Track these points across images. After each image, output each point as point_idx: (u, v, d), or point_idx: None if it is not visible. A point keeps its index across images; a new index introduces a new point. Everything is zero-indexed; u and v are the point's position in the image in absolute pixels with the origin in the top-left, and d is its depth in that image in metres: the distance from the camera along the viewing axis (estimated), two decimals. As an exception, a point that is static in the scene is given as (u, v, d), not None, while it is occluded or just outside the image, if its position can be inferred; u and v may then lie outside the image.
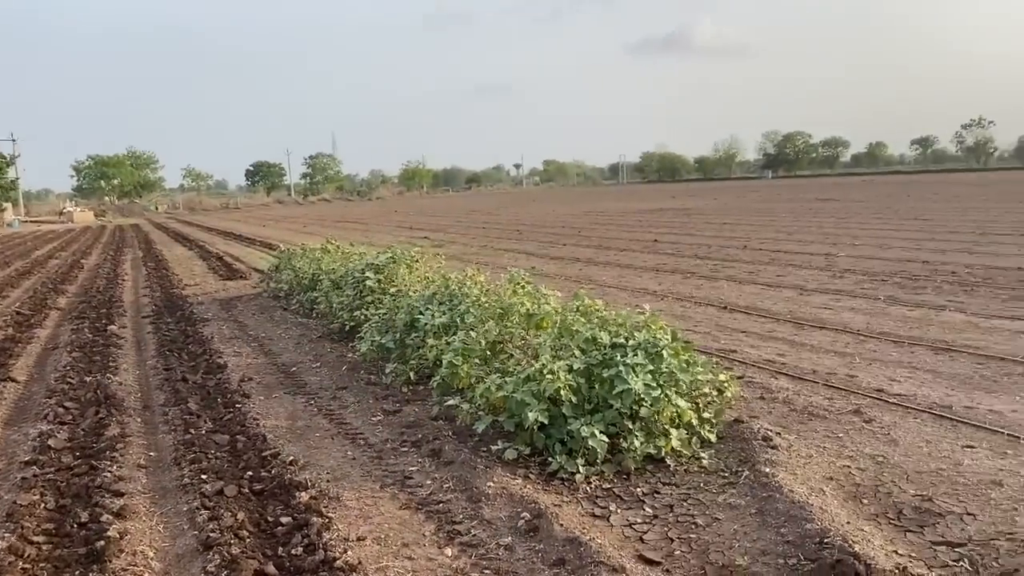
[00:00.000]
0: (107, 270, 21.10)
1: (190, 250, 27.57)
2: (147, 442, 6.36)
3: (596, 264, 17.83)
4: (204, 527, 4.55)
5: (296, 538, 4.37)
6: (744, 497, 4.85)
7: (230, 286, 16.38)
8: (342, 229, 36.60)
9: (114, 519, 4.66)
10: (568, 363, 5.65)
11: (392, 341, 7.98)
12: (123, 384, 8.14)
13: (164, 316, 12.62)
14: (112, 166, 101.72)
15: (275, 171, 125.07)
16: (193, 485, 5.26)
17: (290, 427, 6.57)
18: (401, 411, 6.83)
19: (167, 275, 18.92)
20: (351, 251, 13.25)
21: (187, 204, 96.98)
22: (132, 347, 10.33)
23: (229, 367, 8.70)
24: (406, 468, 5.53)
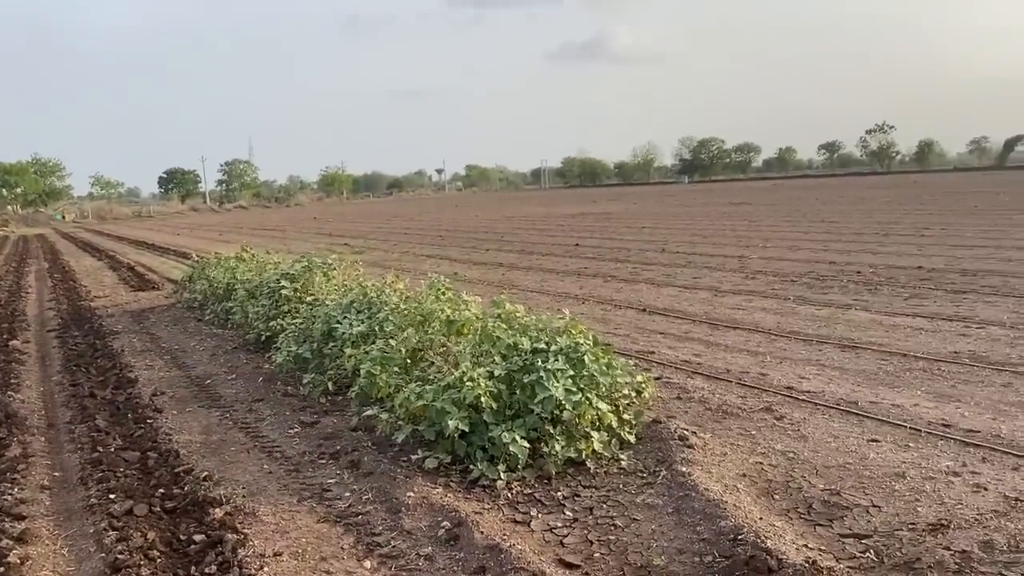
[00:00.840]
0: (9, 282, 20.16)
1: (99, 260, 26.57)
2: (52, 462, 6.10)
3: (519, 269, 17.92)
4: (112, 549, 4.38)
5: (210, 556, 4.25)
6: (662, 497, 4.93)
7: (142, 297, 15.86)
8: (260, 237, 35.86)
9: (14, 544, 4.46)
10: (489, 370, 5.66)
11: (309, 351, 7.86)
12: (26, 401, 7.79)
13: (71, 329, 12.13)
14: (15, 174, 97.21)
15: (190, 178, 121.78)
16: (101, 505, 5.06)
17: (204, 442, 6.39)
18: (319, 422, 6.72)
19: (74, 287, 18.19)
20: (267, 259, 12.99)
21: (96, 213, 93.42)
22: (36, 363, 9.89)
23: (140, 381, 8.42)
24: (324, 480, 5.44)
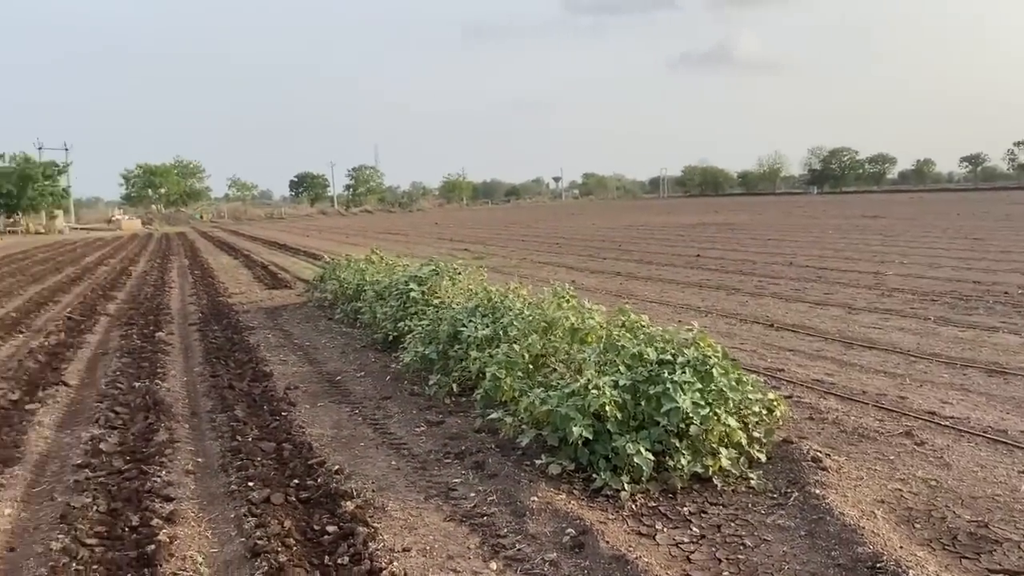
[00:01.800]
0: (154, 277, 21.52)
1: (235, 259, 28.00)
2: (195, 448, 6.45)
3: (637, 279, 17.75)
4: (251, 534, 4.60)
5: (342, 547, 4.40)
6: (794, 519, 4.76)
7: (275, 295, 16.60)
8: (384, 240, 36.91)
9: (164, 524, 4.73)
10: (613, 379, 5.62)
11: (435, 352, 8.01)
12: (171, 390, 8.27)
13: (211, 324, 12.82)
14: (159, 175, 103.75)
15: (319, 182, 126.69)
16: (240, 492, 5.31)
17: (335, 436, 6.62)
18: (444, 422, 6.85)
19: (213, 283, 19.23)
20: (395, 262, 13.36)
21: (232, 214, 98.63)
22: (180, 354, 10.50)
23: (275, 375, 8.80)
24: (450, 480, 5.53)
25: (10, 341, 11.89)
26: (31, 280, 21.82)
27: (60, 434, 6.96)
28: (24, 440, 6.62)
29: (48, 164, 71.94)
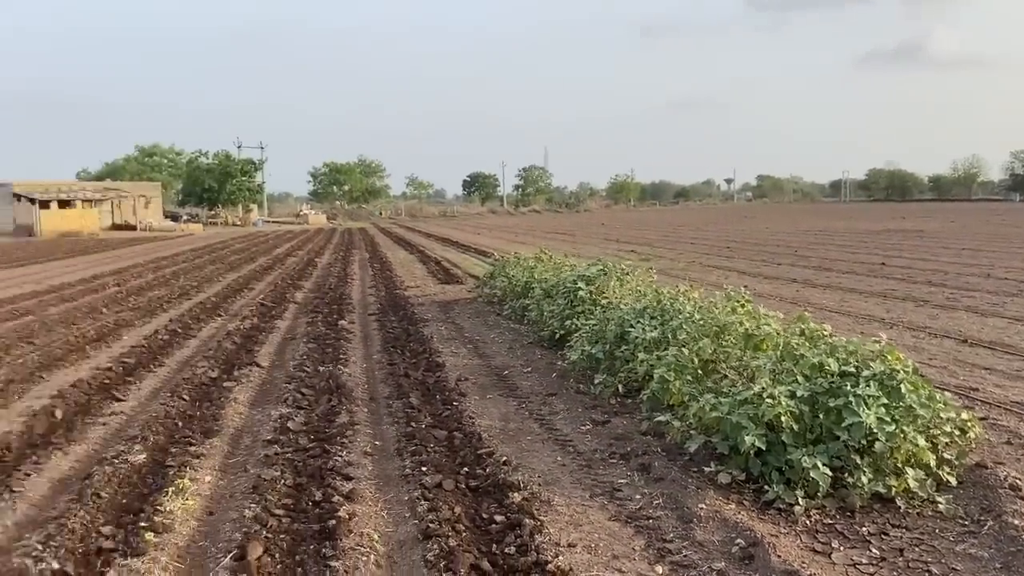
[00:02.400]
0: (338, 269, 22.80)
1: (411, 254, 29.18)
2: (373, 431, 6.80)
3: (814, 286, 16.95)
4: (424, 517, 4.79)
5: (509, 537, 4.49)
6: (987, 549, 4.40)
7: (447, 289, 17.16)
8: (551, 240, 37.28)
9: (344, 501, 5.02)
10: (790, 388, 5.41)
11: (602, 352, 8.02)
12: (352, 375, 8.75)
13: (388, 314, 13.44)
14: (344, 173, 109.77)
15: (490, 182, 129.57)
16: (414, 476, 5.55)
17: (503, 428, 6.77)
18: (610, 422, 6.84)
19: (391, 276, 20.14)
20: (563, 262, 13.46)
21: (409, 211, 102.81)
22: (360, 342, 11.08)
23: (447, 366, 9.11)
24: (615, 480, 5.52)
25: (210, 323, 12.99)
26: (228, 268, 23.72)
27: (253, 411, 7.53)
28: (222, 415, 7.21)
29: (246, 161, 77.89)
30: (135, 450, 6.10)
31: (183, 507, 5.00)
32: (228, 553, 4.37)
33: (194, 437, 6.53)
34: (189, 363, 9.69)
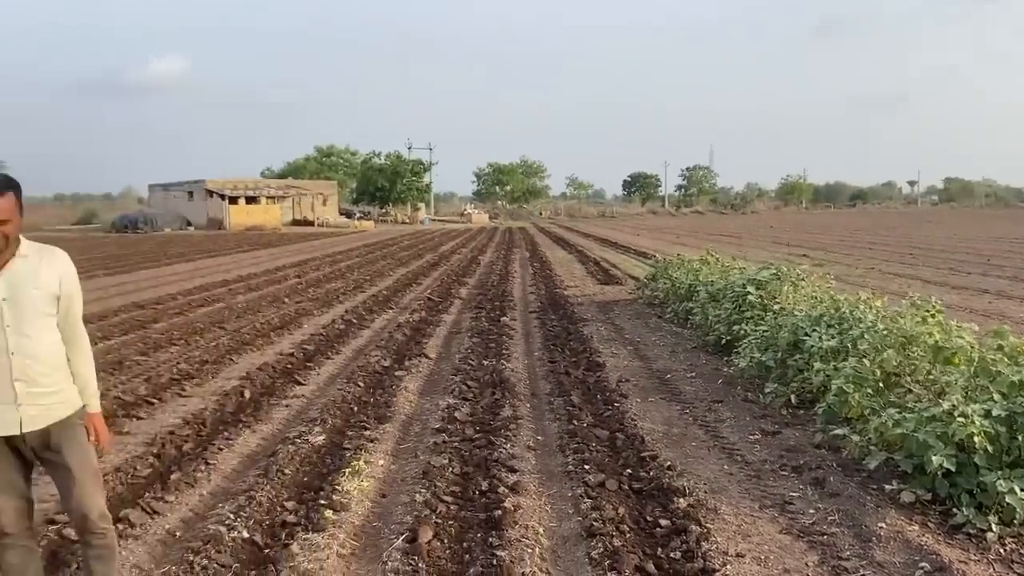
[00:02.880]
0: (499, 267, 23.25)
1: (570, 254, 29.32)
2: (535, 427, 6.87)
3: (1011, 298, 15.59)
4: (587, 515, 4.79)
5: (675, 542, 4.42)
6: None
7: (607, 290, 17.11)
8: (715, 242, 36.34)
9: (509, 492, 5.10)
10: (985, 407, 5.00)
11: (772, 360, 7.73)
12: (514, 371, 8.88)
13: (548, 313, 13.57)
14: (506, 173, 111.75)
15: (651, 182, 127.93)
16: (576, 474, 5.56)
17: (666, 432, 6.66)
18: (780, 433, 6.58)
19: (550, 275, 20.31)
20: (730, 264, 13.09)
21: (568, 211, 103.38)
22: (521, 338, 11.24)
23: (607, 367, 9.07)
24: (786, 493, 5.30)
25: (382, 315, 13.58)
26: (398, 264, 24.72)
27: (422, 400, 7.81)
28: (394, 402, 7.52)
29: (415, 162, 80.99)
30: (315, 431, 6.47)
31: (359, 488, 5.25)
32: (400, 535, 4.54)
33: (368, 422, 6.85)
34: (363, 352, 10.17)
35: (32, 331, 3.16)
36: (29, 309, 3.14)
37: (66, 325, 3.31)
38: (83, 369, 3.38)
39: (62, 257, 3.32)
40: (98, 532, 3.36)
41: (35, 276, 3.18)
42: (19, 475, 3.29)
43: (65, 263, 3.32)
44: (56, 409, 3.25)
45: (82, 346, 3.39)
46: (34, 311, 3.16)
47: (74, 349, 3.35)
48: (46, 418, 3.22)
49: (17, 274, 3.15)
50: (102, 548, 3.41)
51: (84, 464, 3.33)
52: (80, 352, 3.37)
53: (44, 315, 3.20)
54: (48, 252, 3.29)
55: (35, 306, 3.16)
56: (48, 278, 3.22)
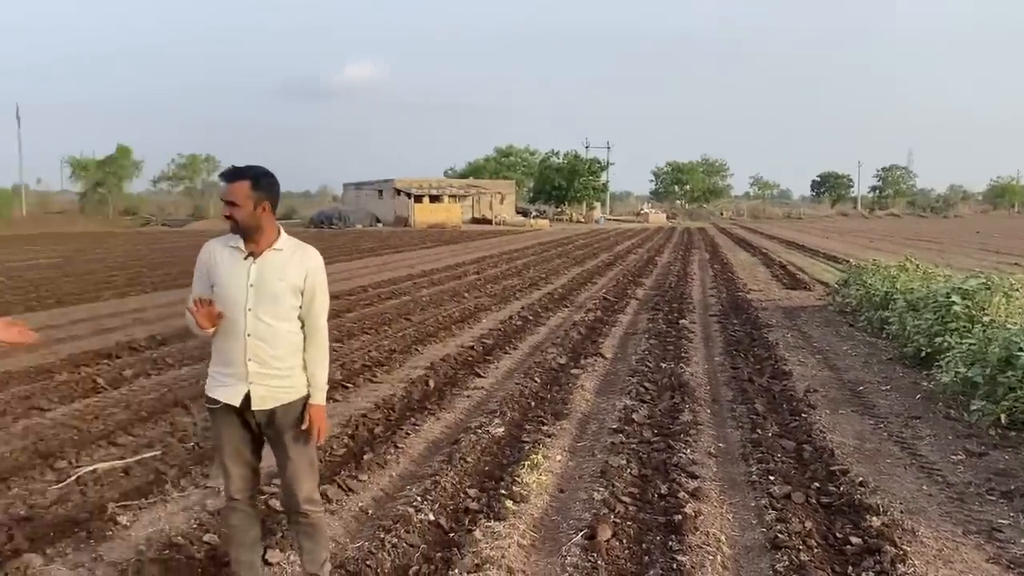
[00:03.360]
0: (677, 268, 22.85)
1: (753, 256, 28.36)
2: (716, 433, 6.71)
3: None
4: (772, 527, 4.63)
5: (867, 562, 4.18)
6: None
7: (793, 295, 16.41)
8: (913, 247, 33.86)
9: (689, 498, 5.01)
10: None
11: (980, 376, 7.13)
12: (694, 375, 8.71)
13: (729, 317, 13.19)
14: (686, 172, 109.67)
15: (842, 183, 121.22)
16: (760, 484, 5.39)
17: (857, 447, 6.30)
18: (988, 455, 6.06)
19: (732, 278, 19.74)
20: (933, 272, 12.19)
21: (751, 212, 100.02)
22: (701, 342, 11.00)
23: (794, 375, 8.70)
24: (994, 519, 4.88)
25: (558, 313, 13.73)
26: (573, 263, 24.87)
27: (598, 399, 7.83)
28: (570, 399, 7.59)
29: (592, 161, 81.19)
30: (495, 423, 6.65)
31: (537, 481, 5.34)
32: (579, 531, 4.59)
33: (545, 417, 6.96)
34: (539, 348, 10.33)
35: (270, 318, 3.44)
36: (271, 298, 3.43)
37: (307, 319, 3.53)
38: (314, 362, 3.55)
39: (313, 256, 3.55)
40: (302, 512, 3.63)
41: (283, 269, 3.46)
42: (248, 447, 3.60)
43: (314, 261, 3.53)
44: (282, 393, 3.51)
45: (318, 341, 3.56)
46: (275, 300, 3.44)
47: (310, 342, 3.55)
48: (273, 400, 3.50)
49: (268, 264, 3.45)
50: (307, 527, 3.68)
51: (300, 450, 3.58)
52: (315, 346, 3.55)
53: (284, 305, 3.46)
54: (301, 249, 3.54)
55: (276, 296, 3.44)
56: (294, 273, 3.46)
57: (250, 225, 3.41)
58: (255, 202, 3.38)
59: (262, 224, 3.43)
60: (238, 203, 3.36)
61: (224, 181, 3.41)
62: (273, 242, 3.47)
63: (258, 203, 3.39)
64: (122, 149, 63.56)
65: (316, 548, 3.70)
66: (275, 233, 3.49)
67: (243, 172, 3.40)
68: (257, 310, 3.42)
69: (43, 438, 6.27)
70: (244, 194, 3.36)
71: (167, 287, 17.45)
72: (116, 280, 18.92)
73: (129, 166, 64.39)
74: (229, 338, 3.45)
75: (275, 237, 3.48)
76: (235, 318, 3.42)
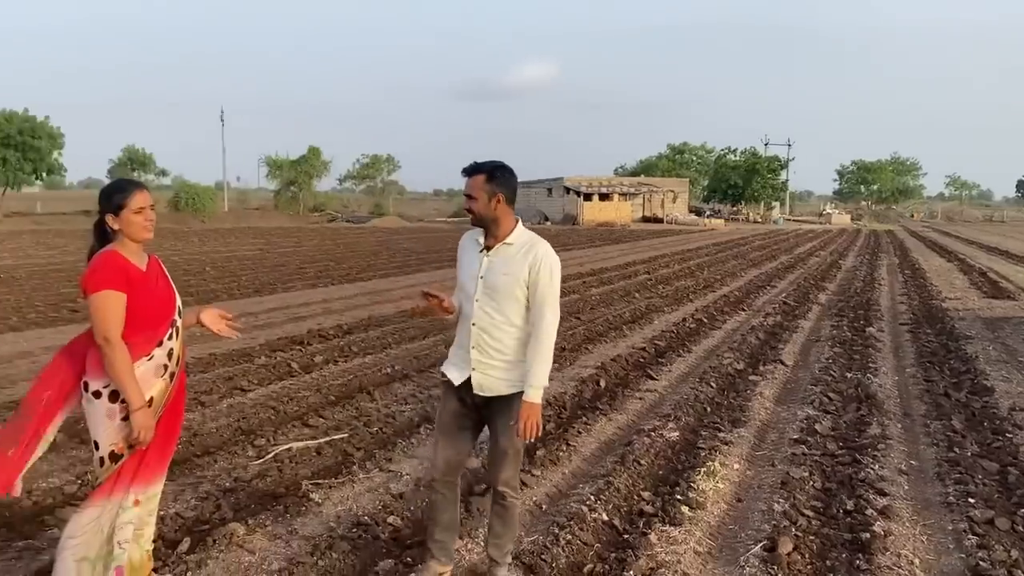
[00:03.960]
0: (863, 273, 21.59)
1: (948, 262, 26.36)
2: (908, 449, 6.29)
3: None
4: (972, 553, 4.30)
5: (1087, 603, 3.78)
6: None
7: (995, 305, 15.09)
8: None
9: (878, 516, 4.73)
10: None
11: None
12: (882, 387, 8.21)
13: (922, 326, 12.32)
14: (873, 171, 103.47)
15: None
16: (958, 506, 5.00)
17: (1075, 475, 5.71)
18: None
19: (924, 285, 18.43)
20: None
21: (944, 214, 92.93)
22: (889, 352, 10.34)
23: (996, 391, 8.00)
24: None
25: (734, 317, 13.33)
26: (750, 264, 24.07)
27: (778, 407, 7.54)
28: (748, 407, 7.35)
29: (772, 159, 78.20)
30: (668, 427, 6.55)
31: (714, 489, 5.22)
32: (758, 542, 4.44)
33: (722, 424, 6.78)
34: (714, 352, 10.08)
35: (493, 310, 3.58)
36: (495, 290, 3.57)
37: (533, 314, 3.55)
38: (533, 358, 3.52)
39: (542, 251, 3.55)
40: (500, 492, 3.75)
41: (510, 263, 3.57)
42: (463, 434, 3.78)
43: (541, 257, 3.53)
44: (501, 385, 3.62)
45: (539, 337, 3.52)
46: (498, 293, 3.57)
47: (533, 338, 3.54)
48: (490, 389, 3.63)
49: (498, 258, 3.60)
50: (502, 509, 3.79)
51: (509, 438, 3.65)
52: (536, 342, 3.52)
53: (509, 298, 3.56)
54: (531, 244, 3.58)
55: (500, 288, 3.56)
56: (520, 267, 3.52)
57: (485, 217, 3.56)
58: (489, 195, 3.52)
59: (498, 216, 3.56)
60: (474, 196, 3.53)
61: (464, 175, 3.59)
62: (507, 236, 3.59)
63: (492, 196, 3.52)
64: (313, 149, 67.64)
65: (504, 534, 3.80)
66: (511, 227, 3.61)
67: (480, 167, 3.57)
68: (483, 301, 3.58)
69: (244, 416, 6.81)
70: (479, 187, 3.52)
71: (351, 280, 18.46)
72: (307, 272, 20.22)
73: (319, 165, 68.42)
74: (462, 325, 3.68)
75: (510, 231, 3.60)
76: (467, 307, 3.64)
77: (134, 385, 3.19)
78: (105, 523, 3.26)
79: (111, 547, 3.26)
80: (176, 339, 3.44)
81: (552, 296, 3.55)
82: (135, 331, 3.24)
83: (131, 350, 3.21)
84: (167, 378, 3.40)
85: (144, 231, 3.30)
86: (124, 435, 3.24)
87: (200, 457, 5.79)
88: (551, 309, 3.55)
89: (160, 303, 3.38)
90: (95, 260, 3.25)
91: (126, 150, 68.85)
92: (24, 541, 4.32)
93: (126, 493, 3.28)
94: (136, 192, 3.30)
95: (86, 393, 3.26)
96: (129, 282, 3.22)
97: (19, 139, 45.38)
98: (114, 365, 3.16)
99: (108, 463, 3.27)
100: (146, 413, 3.23)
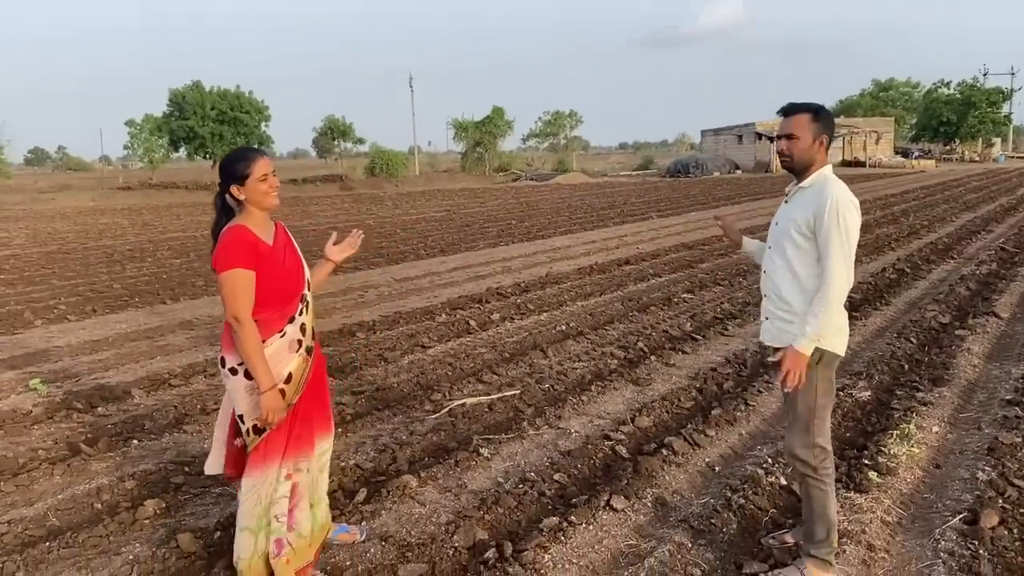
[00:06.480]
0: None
1: None
2: None
3: None
4: None
5: None
6: None
7: None
8: None
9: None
10: None
11: None
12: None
13: None
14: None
15: None
16: None
17: None
18: None
19: None
20: None
21: None
22: None
23: None
24: None
25: (941, 266, 12.19)
26: (963, 208, 21.94)
27: (988, 365, 6.80)
28: (952, 364, 6.68)
29: (993, 90, 70.44)
30: (859, 386, 6.08)
31: (908, 453, 4.78)
32: (957, 514, 4.02)
33: (920, 383, 6.20)
34: (916, 305, 9.25)
35: (778, 256, 3.42)
36: (780, 236, 3.42)
37: (822, 262, 3.24)
38: (811, 306, 3.23)
39: (830, 194, 3.20)
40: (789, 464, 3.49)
41: (795, 208, 3.37)
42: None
43: (823, 201, 3.20)
44: (784, 335, 3.38)
45: (822, 287, 3.21)
46: (782, 239, 3.39)
47: (819, 285, 3.25)
48: (776, 340, 3.44)
49: (791, 203, 3.43)
50: (799, 485, 3.55)
51: (790, 399, 3.40)
52: (818, 290, 3.23)
53: (793, 244, 3.32)
54: (823, 186, 3.28)
55: (783, 235, 3.39)
56: (802, 211, 3.29)
57: (804, 160, 3.33)
58: (814, 135, 3.30)
59: (815, 160, 3.34)
60: (797, 135, 3.31)
61: (782, 116, 3.40)
62: (806, 180, 3.36)
63: (817, 136, 3.30)
64: (496, 110, 68.55)
65: (808, 518, 3.48)
66: (818, 171, 3.35)
67: (803, 105, 3.36)
68: (773, 248, 3.47)
69: (424, 371, 7.02)
70: (804, 126, 3.31)
71: (531, 238, 18.59)
72: (489, 231, 20.60)
73: (503, 125, 69.28)
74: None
75: (811, 176, 3.35)
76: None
77: (263, 365, 3.19)
78: (264, 495, 3.31)
79: (269, 519, 3.33)
80: (307, 313, 3.43)
81: (838, 243, 3.16)
82: (265, 307, 3.23)
83: (262, 327, 3.22)
84: (303, 352, 3.39)
85: (270, 198, 3.28)
86: (258, 414, 3.26)
87: (381, 411, 6.04)
88: (836, 258, 3.17)
89: (290, 277, 3.36)
90: (224, 236, 3.22)
91: (327, 119, 72.78)
92: (220, 488, 4.68)
93: (279, 467, 3.34)
94: (258, 159, 3.27)
95: (223, 369, 3.29)
96: (258, 258, 3.21)
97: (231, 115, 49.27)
98: (244, 345, 3.16)
99: (253, 436, 3.31)
100: (274, 395, 3.21)
